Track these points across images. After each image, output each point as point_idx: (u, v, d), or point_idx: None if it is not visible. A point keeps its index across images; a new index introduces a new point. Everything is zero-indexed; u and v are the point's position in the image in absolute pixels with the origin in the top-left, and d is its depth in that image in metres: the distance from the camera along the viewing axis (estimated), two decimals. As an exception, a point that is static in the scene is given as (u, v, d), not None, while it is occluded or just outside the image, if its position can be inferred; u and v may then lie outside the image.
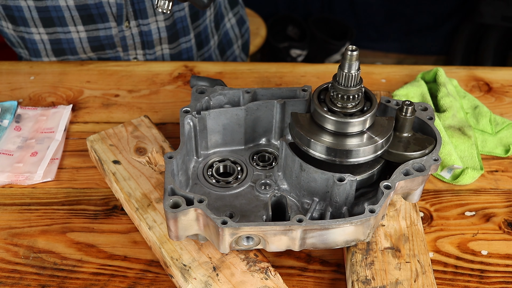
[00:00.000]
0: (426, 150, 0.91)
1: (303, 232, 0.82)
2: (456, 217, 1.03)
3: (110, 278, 0.92)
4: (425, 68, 1.35)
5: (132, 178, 1.00)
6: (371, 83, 1.33)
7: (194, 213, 0.81)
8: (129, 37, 1.41)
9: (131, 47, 1.44)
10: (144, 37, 1.42)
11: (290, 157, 0.91)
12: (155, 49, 1.46)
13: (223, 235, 0.80)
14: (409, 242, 0.91)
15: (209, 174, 0.98)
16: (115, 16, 1.35)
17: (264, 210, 0.92)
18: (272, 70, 1.37)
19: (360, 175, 0.90)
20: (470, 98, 1.26)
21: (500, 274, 0.94)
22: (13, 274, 0.92)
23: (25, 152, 1.12)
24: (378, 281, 0.85)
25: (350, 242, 0.87)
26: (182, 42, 1.49)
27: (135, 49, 1.45)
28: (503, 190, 1.08)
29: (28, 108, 1.22)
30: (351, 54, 0.82)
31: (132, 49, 1.45)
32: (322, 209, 0.91)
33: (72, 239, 0.98)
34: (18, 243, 0.97)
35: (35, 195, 1.05)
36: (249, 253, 0.89)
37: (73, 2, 1.30)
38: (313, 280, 0.92)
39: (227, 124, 1.00)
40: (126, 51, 1.45)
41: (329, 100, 0.88)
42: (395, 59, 3.00)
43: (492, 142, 1.17)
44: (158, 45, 1.46)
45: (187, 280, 0.85)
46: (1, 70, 1.35)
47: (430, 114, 0.96)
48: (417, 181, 0.88)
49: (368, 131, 0.88)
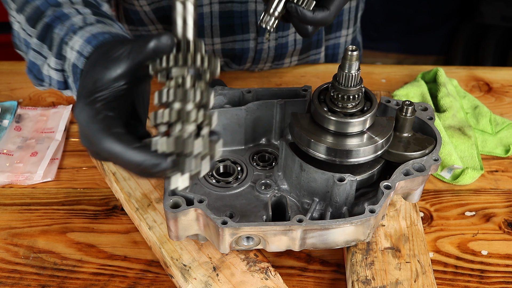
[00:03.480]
0: (426, 150, 0.91)
1: (303, 232, 0.82)
2: (456, 217, 1.03)
3: (110, 278, 0.92)
4: (425, 68, 1.34)
5: (132, 178, 1.00)
6: (371, 83, 1.33)
7: (194, 213, 0.81)
8: (265, 51, 1.31)
9: (263, 61, 1.34)
10: (279, 50, 1.32)
11: (290, 157, 0.91)
12: (284, 61, 1.37)
13: (223, 235, 0.80)
14: (409, 242, 0.91)
15: (209, 174, 0.98)
16: (258, 27, 1.26)
17: (264, 210, 0.92)
18: (272, 70, 1.37)
19: (360, 175, 0.90)
20: (470, 98, 1.26)
21: (500, 274, 0.94)
22: (13, 274, 0.92)
23: (25, 152, 1.12)
24: (378, 281, 0.85)
25: (350, 242, 0.87)
26: (311, 54, 1.41)
27: (265, 63, 1.35)
28: (503, 190, 1.08)
29: (28, 108, 1.22)
30: (351, 54, 0.82)
31: (262, 62, 1.35)
32: (322, 209, 0.91)
33: (72, 239, 0.98)
34: (18, 243, 0.97)
35: (35, 195, 1.05)
36: (249, 253, 0.89)
37: (218, 8, 1.22)
38: (313, 280, 0.92)
39: (227, 124, 1.00)
40: (255, 64, 1.35)
41: (329, 100, 0.88)
42: (395, 59, 2.99)
43: (492, 142, 1.17)
44: (288, 57, 1.36)
45: (187, 280, 0.85)
46: (1, 70, 1.35)
47: (430, 114, 0.96)
48: (417, 181, 0.88)
49: (368, 131, 0.88)
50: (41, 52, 0.89)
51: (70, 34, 0.84)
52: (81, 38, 0.82)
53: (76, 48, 0.81)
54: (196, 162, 0.66)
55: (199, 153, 0.66)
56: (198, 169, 0.67)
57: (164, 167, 0.66)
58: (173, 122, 0.67)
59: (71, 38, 0.83)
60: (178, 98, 0.67)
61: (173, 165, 0.66)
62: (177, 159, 0.66)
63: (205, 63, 0.69)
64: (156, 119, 0.68)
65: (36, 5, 0.90)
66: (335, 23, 1.39)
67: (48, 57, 0.88)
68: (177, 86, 0.67)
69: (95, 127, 0.68)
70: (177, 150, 0.66)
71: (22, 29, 0.92)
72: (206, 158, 0.67)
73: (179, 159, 0.66)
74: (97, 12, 0.91)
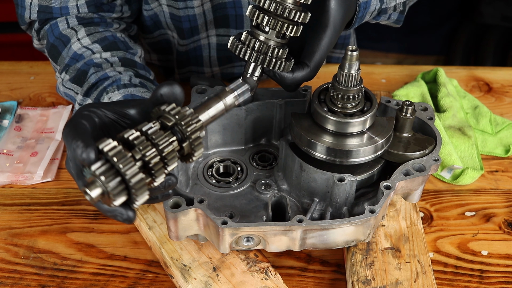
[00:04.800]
0: (426, 150, 0.91)
1: (303, 232, 0.82)
2: (456, 217, 1.03)
3: (110, 278, 0.92)
4: (425, 68, 1.34)
5: (132, 178, 1.00)
6: (371, 83, 1.33)
7: (194, 213, 0.81)
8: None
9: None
10: None
11: (290, 157, 0.91)
12: None
13: (223, 235, 0.80)
14: (409, 242, 0.91)
15: (209, 174, 0.98)
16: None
17: (264, 210, 0.92)
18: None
19: (360, 175, 0.90)
20: (470, 98, 1.26)
21: (500, 274, 0.94)
22: (13, 274, 0.92)
23: (25, 152, 1.12)
24: (378, 281, 0.85)
25: (350, 242, 0.87)
26: None
27: (267, 77, 1.36)
28: (503, 190, 1.08)
29: (28, 108, 1.22)
30: (351, 54, 0.82)
31: (264, 76, 1.36)
32: (322, 209, 0.91)
33: (72, 239, 0.98)
34: (18, 243, 0.97)
35: (35, 195, 1.05)
36: (249, 253, 0.89)
37: (216, 40, 1.24)
38: (313, 280, 0.92)
39: (227, 124, 1.00)
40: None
41: (329, 100, 0.88)
42: (395, 59, 2.99)
43: (492, 142, 1.17)
44: None
45: (187, 280, 0.85)
46: (1, 70, 1.35)
47: (430, 114, 0.96)
48: (417, 181, 0.88)
49: (368, 131, 0.88)
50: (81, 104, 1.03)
51: (114, 86, 0.97)
52: (121, 94, 0.96)
53: (113, 100, 0.91)
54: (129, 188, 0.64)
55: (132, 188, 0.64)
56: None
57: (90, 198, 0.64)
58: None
59: (113, 91, 0.96)
60: (149, 147, 0.66)
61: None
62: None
63: (189, 149, 0.70)
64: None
65: (78, 67, 1.05)
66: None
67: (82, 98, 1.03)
68: (152, 142, 0.67)
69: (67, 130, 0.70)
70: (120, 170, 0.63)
71: (62, 85, 1.08)
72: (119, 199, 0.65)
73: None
74: (138, 73, 1.03)
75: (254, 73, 0.83)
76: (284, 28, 0.79)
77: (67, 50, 1.07)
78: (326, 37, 0.85)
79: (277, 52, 0.81)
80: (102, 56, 1.06)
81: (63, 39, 1.08)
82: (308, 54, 0.85)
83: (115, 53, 1.07)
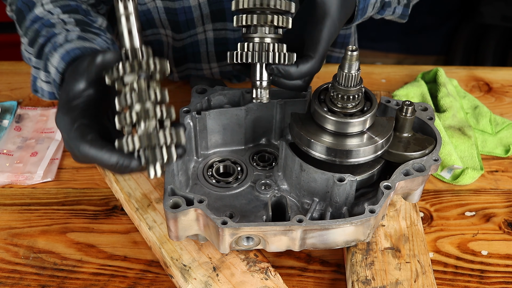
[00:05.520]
0: (426, 150, 0.91)
1: (303, 232, 0.82)
2: (456, 217, 1.03)
3: (110, 278, 0.92)
4: (425, 68, 1.34)
5: (132, 178, 1.00)
6: (371, 83, 1.33)
7: (194, 213, 0.81)
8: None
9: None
10: None
11: (290, 157, 0.91)
12: None
13: (223, 235, 0.80)
14: (409, 242, 0.91)
15: (209, 174, 0.98)
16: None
17: (264, 210, 0.92)
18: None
19: (360, 175, 0.90)
20: (470, 98, 1.26)
21: (500, 274, 0.94)
22: (13, 274, 0.92)
23: (25, 152, 1.12)
24: (378, 281, 0.85)
25: (350, 242, 0.87)
26: None
27: None
28: (503, 190, 1.08)
29: (28, 108, 1.22)
30: (351, 54, 0.82)
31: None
32: (322, 209, 0.91)
33: (72, 239, 0.98)
34: (18, 243, 0.97)
35: (35, 195, 1.05)
36: (249, 253, 0.89)
37: (213, 35, 1.24)
38: (313, 280, 0.92)
39: (227, 124, 1.00)
40: None
41: (329, 100, 0.88)
42: (395, 59, 2.99)
43: (492, 142, 1.17)
44: None
45: (187, 280, 0.85)
46: (1, 70, 1.35)
47: (430, 114, 0.96)
48: (417, 181, 0.88)
49: (368, 131, 0.88)
50: (38, 67, 1.00)
51: (52, 51, 0.94)
52: (59, 55, 0.92)
53: (54, 65, 0.91)
54: (163, 151, 0.73)
55: (165, 143, 0.73)
56: (168, 158, 0.73)
57: (134, 166, 0.74)
58: (136, 121, 0.73)
59: (52, 55, 0.93)
60: (135, 100, 0.73)
61: (140, 163, 0.73)
62: (147, 152, 0.73)
63: (153, 66, 0.74)
64: (120, 122, 0.74)
65: (35, 28, 1.00)
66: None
67: (40, 71, 0.99)
68: (132, 90, 0.74)
69: (72, 135, 0.76)
70: (144, 145, 0.73)
71: (25, 50, 1.04)
72: (173, 146, 0.74)
73: (149, 152, 0.73)
74: (85, 29, 1.00)
75: (262, 77, 0.86)
76: (274, 20, 0.81)
77: (30, 14, 1.06)
78: (325, 27, 0.86)
79: (276, 47, 0.83)
80: (60, 17, 1.03)
81: (29, 4, 1.07)
82: (311, 46, 0.86)
83: (73, 16, 1.04)
